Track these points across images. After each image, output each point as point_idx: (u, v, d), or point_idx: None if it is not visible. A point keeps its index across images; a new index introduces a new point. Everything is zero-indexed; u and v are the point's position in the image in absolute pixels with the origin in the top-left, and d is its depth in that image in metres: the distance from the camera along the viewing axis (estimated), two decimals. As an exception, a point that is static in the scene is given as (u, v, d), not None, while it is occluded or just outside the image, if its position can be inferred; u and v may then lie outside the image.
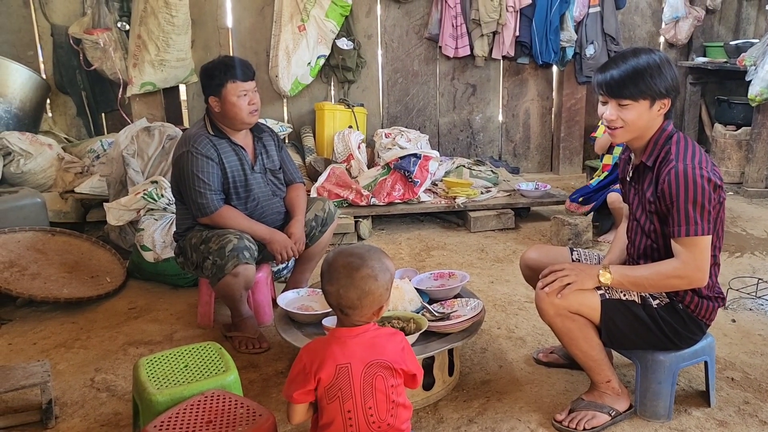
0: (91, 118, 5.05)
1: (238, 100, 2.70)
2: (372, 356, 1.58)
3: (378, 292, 1.60)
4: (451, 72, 5.56)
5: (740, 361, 2.54)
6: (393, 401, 1.61)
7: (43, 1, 4.82)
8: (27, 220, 3.49)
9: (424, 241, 4.17)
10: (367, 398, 1.58)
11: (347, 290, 1.59)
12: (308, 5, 4.86)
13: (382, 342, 1.61)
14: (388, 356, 1.59)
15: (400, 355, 1.61)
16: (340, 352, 1.58)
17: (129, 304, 3.24)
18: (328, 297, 1.64)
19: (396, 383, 1.61)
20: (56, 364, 2.60)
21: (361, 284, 1.58)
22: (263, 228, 2.79)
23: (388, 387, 1.60)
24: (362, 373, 1.57)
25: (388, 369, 1.59)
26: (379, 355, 1.58)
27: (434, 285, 2.61)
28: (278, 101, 5.32)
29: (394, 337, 1.64)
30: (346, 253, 1.65)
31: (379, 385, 1.59)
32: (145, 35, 4.41)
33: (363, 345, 1.60)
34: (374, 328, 1.64)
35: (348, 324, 1.63)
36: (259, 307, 2.93)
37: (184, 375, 1.95)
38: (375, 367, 1.58)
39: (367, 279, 1.59)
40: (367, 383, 1.57)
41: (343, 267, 1.61)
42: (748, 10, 5.92)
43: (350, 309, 1.60)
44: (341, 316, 1.64)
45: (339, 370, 1.56)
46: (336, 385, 1.56)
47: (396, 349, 1.61)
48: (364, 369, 1.57)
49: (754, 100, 4.74)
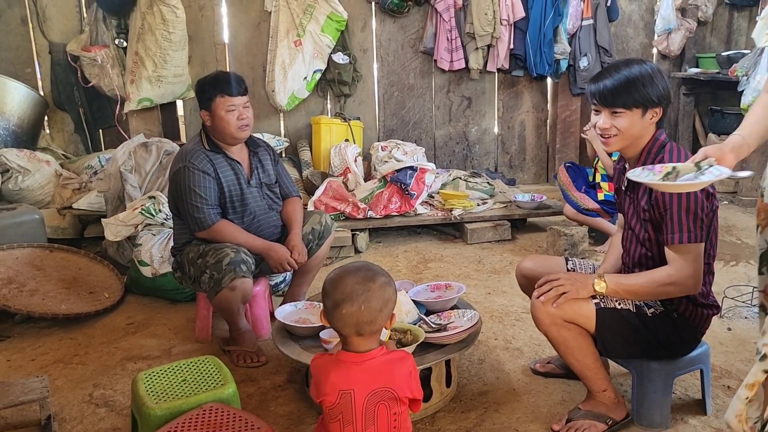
0: (89, 134, 5.07)
1: (226, 115, 2.73)
2: (377, 384, 1.56)
3: (394, 297, 1.60)
4: (447, 85, 5.60)
5: (736, 369, 2.55)
6: (395, 428, 1.59)
7: (41, 18, 4.86)
8: (25, 236, 3.51)
9: (421, 254, 4.18)
10: (368, 425, 1.56)
11: (369, 303, 1.55)
12: (304, 20, 4.91)
13: (390, 368, 1.58)
14: (395, 384, 1.56)
15: (407, 381, 1.58)
16: (344, 377, 1.55)
17: (127, 319, 3.25)
18: (345, 319, 1.56)
19: (400, 411, 1.59)
20: (54, 380, 2.60)
21: (380, 293, 1.57)
22: (260, 241, 2.81)
23: (390, 415, 1.58)
24: (365, 401, 1.55)
25: (392, 398, 1.57)
26: (385, 382, 1.56)
27: (431, 296, 2.62)
28: (275, 116, 5.35)
29: (402, 363, 1.60)
30: (350, 271, 1.61)
31: (382, 414, 1.57)
32: (142, 52, 4.45)
33: (369, 372, 1.56)
34: (383, 353, 1.60)
35: (354, 348, 1.59)
36: (256, 320, 2.94)
37: (183, 389, 1.95)
38: (379, 394, 1.56)
39: (385, 287, 1.59)
40: (369, 411, 1.55)
41: (357, 284, 1.57)
42: (740, 21, 5.98)
43: (370, 324, 1.56)
44: (352, 339, 1.59)
45: (341, 395, 1.54)
46: (337, 408, 1.55)
47: (403, 376, 1.58)
48: (368, 397, 1.55)
49: (746, 109, 4.77)
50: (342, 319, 1.56)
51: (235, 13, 5.14)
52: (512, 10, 5.17)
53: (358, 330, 1.56)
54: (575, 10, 5.34)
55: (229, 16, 5.15)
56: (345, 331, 1.58)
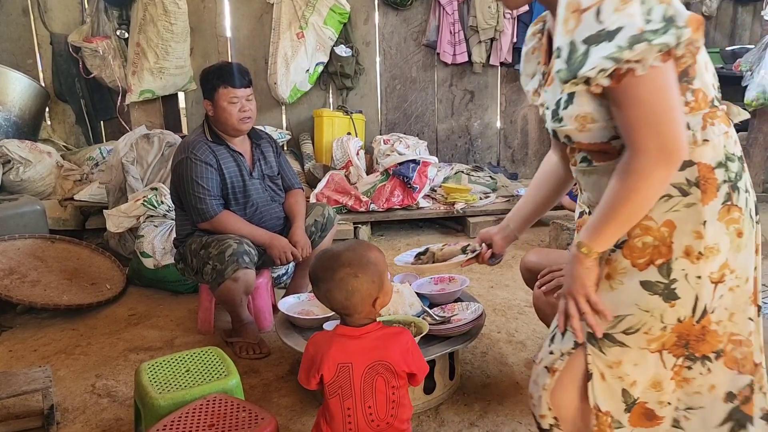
0: (90, 125, 5.06)
1: (228, 106, 2.72)
2: (374, 357, 1.58)
3: (363, 288, 1.56)
4: (449, 78, 5.58)
5: (740, 363, 2.55)
6: (393, 401, 1.61)
7: (42, 9, 4.84)
8: (27, 227, 3.50)
9: (424, 246, 4.16)
10: (366, 398, 1.58)
11: (332, 293, 1.57)
12: (306, 13, 4.89)
13: (386, 343, 1.60)
14: (391, 358, 1.58)
15: (404, 356, 1.60)
16: (341, 350, 1.58)
17: (129, 310, 3.25)
18: (319, 299, 1.63)
19: (398, 384, 1.60)
20: (57, 371, 2.60)
21: (343, 285, 1.55)
22: (263, 232, 2.80)
23: (389, 388, 1.60)
24: (363, 374, 1.57)
25: (389, 371, 1.59)
26: (381, 356, 1.58)
27: (435, 289, 2.62)
28: (277, 108, 5.33)
29: (398, 337, 1.62)
30: (325, 257, 1.61)
31: (380, 386, 1.59)
32: (144, 43, 4.43)
33: (366, 345, 1.59)
34: (379, 328, 1.63)
35: (351, 323, 1.62)
36: (259, 312, 2.93)
37: (186, 379, 1.95)
38: (377, 368, 1.58)
39: (346, 279, 1.56)
40: (368, 384, 1.58)
41: (322, 271, 1.58)
42: (744, 16, 5.96)
43: (343, 309, 1.60)
44: (340, 314, 1.64)
45: (340, 369, 1.56)
46: (336, 382, 1.57)
47: (400, 350, 1.60)
48: (366, 370, 1.57)
49: (750, 105, 4.77)
50: (319, 298, 1.63)
51: (237, 5, 5.12)
52: (516, 4, 5.15)
53: (335, 310, 1.62)
54: (579, 4, 5.31)
55: (232, 7, 5.13)
56: (327, 307, 1.64)
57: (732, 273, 1.32)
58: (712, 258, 1.29)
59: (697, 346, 1.34)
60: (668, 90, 1.22)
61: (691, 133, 1.29)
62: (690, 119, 1.29)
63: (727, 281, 1.32)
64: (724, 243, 1.30)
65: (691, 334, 1.32)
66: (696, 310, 1.31)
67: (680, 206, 1.29)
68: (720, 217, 1.29)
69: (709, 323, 1.33)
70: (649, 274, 1.31)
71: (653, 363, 1.35)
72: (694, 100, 1.29)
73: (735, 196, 1.31)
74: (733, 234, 1.31)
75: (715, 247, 1.29)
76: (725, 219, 1.30)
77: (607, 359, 1.37)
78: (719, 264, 1.30)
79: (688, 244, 1.28)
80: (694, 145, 1.28)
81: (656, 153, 1.22)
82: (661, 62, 1.19)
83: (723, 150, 1.31)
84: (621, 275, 1.34)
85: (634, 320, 1.33)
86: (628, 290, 1.33)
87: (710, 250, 1.28)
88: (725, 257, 1.30)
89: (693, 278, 1.29)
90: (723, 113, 1.34)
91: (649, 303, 1.31)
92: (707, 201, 1.28)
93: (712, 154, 1.30)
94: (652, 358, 1.35)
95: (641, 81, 1.19)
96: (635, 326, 1.33)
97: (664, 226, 1.29)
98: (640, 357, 1.35)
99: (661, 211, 1.30)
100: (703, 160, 1.29)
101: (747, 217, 1.33)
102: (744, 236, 1.32)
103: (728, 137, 1.33)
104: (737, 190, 1.32)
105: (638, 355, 1.35)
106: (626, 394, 1.38)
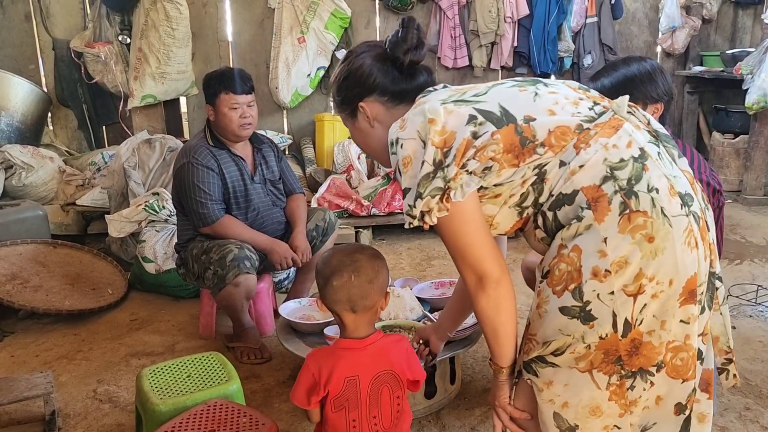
0: (92, 130, 5.07)
1: (229, 112, 2.74)
2: (379, 367, 1.57)
3: (385, 273, 1.58)
4: (451, 82, 5.49)
5: (741, 367, 2.54)
6: (398, 410, 1.61)
7: (44, 15, 4.85)
8: (29, 232, 3.51)
9: (424, 251, 4.18)
10: (372, 408, 1.57)
11: (358, 273, 1.53)
12: (308, 17, 4.90)
13: (389, 350, 1.59)
14: (395, 366, 1.57)
15: (406, 362, 1.60)
16: (347, 364, 1.55)
17: (130, 315, 3.25)
18: (337, 294, 1.54)
19: (401, 393, 1.61)
20: (58, 376, 2.60)
21: (370, 264, 1.54)
22: (264, 237, 2.81)
23: (393, 398, 1.59)
24: (369, 385, 1.56)
25: (394, 379, 1.58)
26: (386, 365, 1.57)
27: (435, 294, 2.62)
28: (278, 113, 5.34)
29: (399, 344, 1.62)
30: (339, 248, 1.62)
31: (385, 397, 1.58)
32: (146, 48, 4.45)
33: (371, 355, 1.57)
34: (381, 337, 1.62)
35: (353, 335, 1.59)
36: (260, 317, 2.94)
37: (187, 385, 1.95)
38: (382, 377, 1.57)
39: (374, 258, 1.56)
40: (374, 395, 1.57)
41: (345, 256, 1.56)
42: (744, 19, 5.96)
43: (362, 299, 1.54)
44: (348, 320, 1.58)
45: (347, 383, 1.54)
46: (343, 396, 1.55)
47: (402, 357, 1.60)
48: (372, 380, 1.56)
49: (751, 108, 4.77)
50: (334, 294, 1.54)
51: (238, 10, 5.14)
52: (516, 8, 5.16)
53: (352, 306, 1.54)
54: (579, 8, 5.32)
55: (233, 12, 5.14)
56: (338, 308, 1.56)
57: (651, 281, 1.25)
58: (621, 272, 1.24)
59: (630, 360, 1.29)
60: (463, 227, 1.35)
61: (567, 167, 1.30)
62: (561, 156, 1.31)
63: (648, 290, 1.25)
64: (634, 253, 1.24)
65: (620, 349, 1.28)
66: (617, 326, 1.27)
67: (582, 229, 1.28)
68: (621, 229, 1.25)
69: (639, 335, 1.27)
70: (566, 299, 1.30)
71: (584, 384, 1.32)
72: (549, 147, 1.31)
73: (634, 202, 1.26)
74: (642, 241, 1.25)
75: (622, 260, 1.24)
76: (628, 229, 1.25)
77: (540, 380, 1.37)
78: (632, 275, 1.25)
79: (595, 264, 1.26)
80: (571, 174, 1.30)
81: (474, 283, 1.38)
82: (446, 206, 1.32)
83: (604, 164, 1.29)
84: (545, 303, 1.34)
85: (559, 343, 1.32)
86: (551, 316, 1.33)
87: (617, 264, 1.24)
88: (638, 267, 1.25)
89: (606, 296, 1.26)
90: (603, 125, 1.33)
91: (568, 327, 1.30)
92: (601, 218, 1.26)
93: (591, 173, 1.28)
94: (582, 379, 1.31)
95: (440, 225, 1.35)
96: (561, 348, 1.32)
97: (573, 251, 1.29)
98: (569, 377, 1.33)
99: (570, 237, 1.30)
100: (584, 184, 1.29)
101: (657, 216, 1.25)
102: (657, 239, 1.25)
103: (609, 149, 1.30)
104: (634, 195, 1.26)
105: (568, 375, 1.33)
106: (558, 417, 1.36)
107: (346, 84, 1.56)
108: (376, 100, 1.55)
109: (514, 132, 1.31)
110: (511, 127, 1.31)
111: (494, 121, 1.32)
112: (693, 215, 1.30)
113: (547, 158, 1.31)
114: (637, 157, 1.30)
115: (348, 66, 1.57)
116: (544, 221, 1.36)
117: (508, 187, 1.35)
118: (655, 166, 1.30)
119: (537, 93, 1.38)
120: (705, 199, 1.40)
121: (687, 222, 1.28)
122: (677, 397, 1.33)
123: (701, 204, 1.36)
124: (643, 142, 1.34)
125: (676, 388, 1.32)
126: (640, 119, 1.42)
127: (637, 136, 1.34)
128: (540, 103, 1.36)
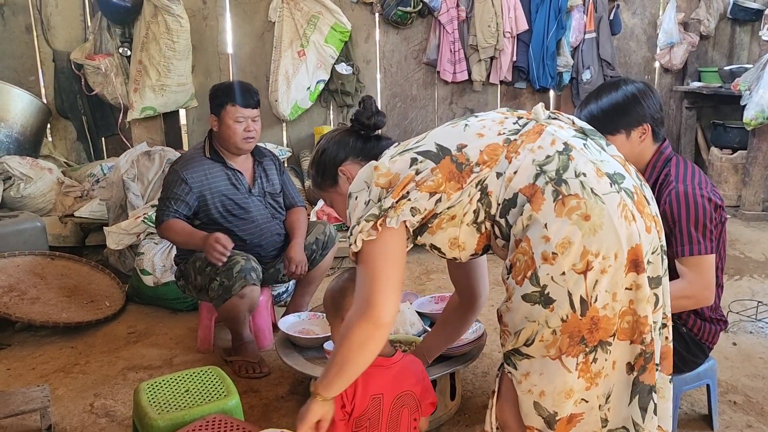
0: (92, 142, 5.06)
1: (233, 124, 2.75)
2: (401, 387, 1.57)
3: None
4: (450, 96, 5.60)
5: (742, 384, 2.53)
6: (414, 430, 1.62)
7: (45, 27, 4.86)
8: (27, 244, 3.49)
9: (423, 265, 4.17)
10: (391, 429, 1.57)
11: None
12: (308, 31, 4.92)
13: (409, 372, 1.60)
14: (414, 387, 1.58)
15: (423, 383, 1.61)
16: (374, 382, 1.55)
17: (128, 328, 3.23)
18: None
19: (418, 417, 1.61)
20: (55, 389, 2.58)
21: None
22: (201, 234, 2.70)
23: (411, 421, 1.60)
24: (391, 405, 1.56)
25: (413, 401, 1.59)
26: (407, 385, 1.58)
27: (435, 308, 2.61)
28: (277, 125, 5.35)
29: (416, 366, 1.64)
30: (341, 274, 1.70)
31: (404, 418, 1.59)
32: (146, 60, 4.45)
33: (395, 375, 1.57)
34: (402, 357, 1.63)
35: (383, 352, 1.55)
36: (259, 331, 2.92)
37: (186, 400, 1.94)
38: (404, 398, 1.57)
39: None
40: (394, 415, 1.57)
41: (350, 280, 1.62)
42: (742, 35, 6.00)
43: None
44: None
45: (372, 401, 1.54)
46: (367, 414, 1.54)
47: (419, 378, 1.61)
48: (394, 400, 1.56)
49: (749, 124, 4.78)
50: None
51: (239, 23, 5.15)
52: (515, 23, 5.18)
53: None
54: (578, 23, 5.35)
55: (234, 26, 5.16)
56: None
57: (597, 257, 1.35)
58: (566, 252, 1.35)
59: (592, 336, 1.38)
60: (383, 256, 1.44)
61: (503, 176, 1.44)
62: (496, 169, 1.45)
63: (596, 266, 1.35)
64: (574, 233, 1.35)
65: (582, 329, 1.37)
66: (574, 305, 1.36)
67: (526, 221, 1.40)
68: (558, 213, 1.37)
69: (597, 312, 1.37)
70: (526, 287, 1.40)
71: (556, 371, 1.40)
72: (483, 164, 1.45)
73: (564, 188, 1.38)
74: (579, 220, 1.36)
75: (565, 240, 1.35)
76: (564, 212, 1.36)
77: (519, 372, 1.45)
78: (577, 254, 1.35)
79: (543, 250, 1.36)
80: (509, 181, 1.43)
81: (361, 309, 1.43)
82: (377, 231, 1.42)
83: (533, 165, 1.42)
84: (512, 294, 1.45)
85: (528, 332, 1.41)
86: (516, 305, 1.43)
87: (561, 246, 1.35)
88: (581, 245, 1.35)
89: (558, 277, 1.36)
90: (527, 133, 1.47)
91: (532, 313, 1.40)
92: (538, 208, 1.38)
93: (525, 175, 1.42)
94: (554, 366, 1.40)
95: (363, 249, 1.45)
96: (531, 337, 1.41)
97: (525, 242, 1.40)
98: (543, 366, 1.42)
99: (520, 232, 1.41)
100: (521, 185, 1.42)
101: (588, 197, 1.37)
102: (594, 217, 1.36)
103: (535, 151, 1.44)
104: (564, 182, 1.39)
105: (542, 365, 1.42)
106: (538, 406, 1.44)
107: (324, 157, 1.73)
108: (352, 162, 1.71)
109: (450, 161, 1.46)
110: (447, 158, 1.46)
111: (432, 157, 1.47)
112: (625, 191, 1.42)
113: (485, 174, 1.45)
114: (562, 151, 1.44)
115: (323, 144, 1.76)
116: (500, 229, 1.47)
117: (459, 207, 1.47)
118: (581, 154, 1.44)
119: (467, 124, 1.54)
120: (640, 177, 1.53)
121: (619, 198, 1.40)
122: (627, 357, 1.44)
123: (635, 181, 1.48)
124: (567, 137, 1.48)
125: (625, 349, 1.43)
126: (564, 121, 1.57)
127: (561, 134, 1.48)
128: (470, 131, 1.51)
